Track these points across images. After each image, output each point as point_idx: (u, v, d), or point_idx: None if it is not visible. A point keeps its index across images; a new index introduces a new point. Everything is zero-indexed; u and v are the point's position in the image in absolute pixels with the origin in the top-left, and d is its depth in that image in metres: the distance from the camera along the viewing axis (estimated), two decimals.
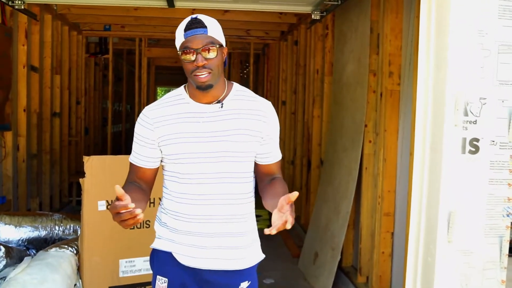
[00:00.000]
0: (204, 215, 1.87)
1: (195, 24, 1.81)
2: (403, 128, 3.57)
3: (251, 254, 1.98)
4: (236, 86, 1.97)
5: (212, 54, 1.81)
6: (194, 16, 1.85)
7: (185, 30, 1.82)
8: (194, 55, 1.79)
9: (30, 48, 5.43)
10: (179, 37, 1.84)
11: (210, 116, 1.88)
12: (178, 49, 1.86)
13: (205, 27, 1.82)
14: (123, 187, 1.93)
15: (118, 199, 1.62)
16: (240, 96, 1.95)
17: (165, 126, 1.88)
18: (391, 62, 3.57)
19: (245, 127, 1.88)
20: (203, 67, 1.79)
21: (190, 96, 1.91)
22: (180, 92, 1.95)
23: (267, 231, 1.59)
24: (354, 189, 4.06)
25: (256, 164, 1.98)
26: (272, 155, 1.98)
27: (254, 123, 1.90)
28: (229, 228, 1.90)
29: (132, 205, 1.58)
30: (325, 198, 4.72)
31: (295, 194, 1.61)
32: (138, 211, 1.58)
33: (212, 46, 1.81)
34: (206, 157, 1.85)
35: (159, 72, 13.37)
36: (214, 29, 1.85)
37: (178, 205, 1.90)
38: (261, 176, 1.99)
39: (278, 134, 2.00)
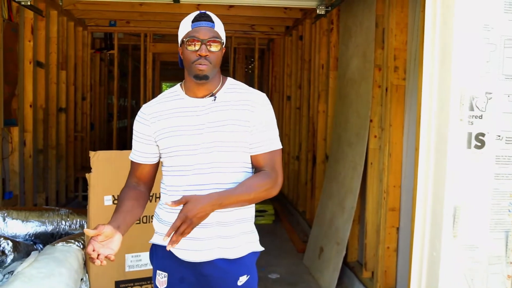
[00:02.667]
0: None
1: (204, 18, 1.89)
2: (408, 123, 3.56)
3: (247, 243, 1.99)
4: (230, 80, 2.03)
5: (215, 48, 1.88)
6: (202, 11, 1.93)
7: (193, 21, 1.89)
8: (199, 45, 1.86)
9: (36, 44, 5.45)
10: (185, 27, 1.90)
11: (203, 109, 1.93)
12: (181, 39, 1.92)
13: (213, 22, 1.90)
14: (121, 191, 1.97)
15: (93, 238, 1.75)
16: (233, 89, 1.99)
17: (160, 121, 1.95)
18: (396, 57, 3.56)
19: (234, 118, 1.92)
20: (205, 58, 1.86)
21: (186, 92, 1.98)
22: (176, 89, 2.02)
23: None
24: (359, 184, 4.06)
25: (251, 156, 1.97)
26: (260, 145, 1.94)
27: (242, 113, 1.92)
28: (223, 217, 1.91)
29: (95, 256, 1.73)
30: (330, 193, 4.72)
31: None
32: (102, 257, 1.74)
33: (217, 40, 1.88)
34: (198, 148, 1.89)
35: (164, 68, 13.40)
36: (220, 27, 1.93)
37: (173, 198, 1.92)
38: (256, 166, 1.98)
39: (269, 125, 1.96)
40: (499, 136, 2.12)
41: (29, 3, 4.57)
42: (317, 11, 4.80)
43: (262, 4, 5.09)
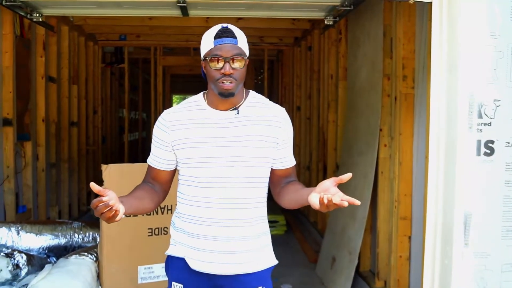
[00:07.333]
0: (218, 218, 1.90)
1: (226, 33, 1.85)
2: (418, 131, 3.56)
3: (264, 257, 2.00)
4: (252, 93, 2.02)
5: (239, 65, 1.85)
6: (224, 25, 1.89)
7: (215, 37, 1.85)
8: (222, 63, 1.83)
9: (48, 59, 5.52)
10: (208, 44, 1.87)
11: (226, 122, 1.92)
12: (203, 55, 1.90)
13: (235, 37, 1.86)
14: (136, 186, 1.98)
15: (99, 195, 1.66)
16: (256, 103, 1.99)
17: (180, 130, 1.93)
18: (404, 66, 3.57)
19: (260, 133, 1.92)
20: (229, 75, 1.83)
21: (208, 103, 1.95)
22: (198, 98, 2.00)
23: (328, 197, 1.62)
24: (370, 194, 4.05)
25: (272, 170, 2.00)
26: (288, 159, 2.02)
27: (269, 129, 1.94)
28: (242, 232, 1.92)
29: (106, 198, 1.62)
30: None
31: (348, 176, 1.64)
32: (111, 202, 1.63)
33: (240, 57, 1.85)
34: (220, 161, 1.88)
35: (174, 80, 13.47)
36: (243, 41, 1.90)
37: (192, 208, 1.94)
38: (277, 180, 2.02)
39: (291, 140, 2.04)
40: (508, 143, 2.12)
41: (40, 20, 4.63)
42: (325, 22, 4.80)
43: (270, 16, 5.12)
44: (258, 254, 1.98)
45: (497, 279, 2.15)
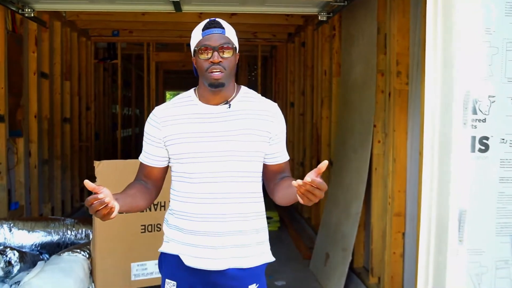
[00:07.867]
0: (211, 214, 1.89)
1: (214, 24, 1.88)
2: (412, 127, 3.56)
3: (259, 253, 1.99)
4: (244, 88, 2.02)
5: (228, 54, 1.86)
6: (212, 18, 1.91)
7: (203, 29, 1.87)
8: (211, 53, 1.84)
9: (40, 55, 5.48)
10: (196, 37, 1.89)
11: (218, 116, 1.91)
12: (193, 48, 1.91)
13: (223, 28, 1.88)
14: (128, 184, 1.97)
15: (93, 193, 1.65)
16: (248, 97, 1.99)
17: (172, 126, 1.92)
18: (398, 62, 3.56)
19: (253, 127, 1.92)
20: (218, 64, 1.84)
21: (199, 98, 1.95)
22: (189, 94, 1.99)
23: (295, 183, 1.60)
24: (364, 190, 4.05)
25: (265, 166, 2.00)
26: (281, 154, 2.01)
27: (261, 123, 1.94)
28: (236, 227, 1.91)
29: (101, 196, 1.61)
30: (335, 199, 4.71)
31: (325, 163, 1.61)
32: (107, 200, 1.62)
33: (228, 46, 1.87)
34: (212, 156, 1.88)
35: (167, 76, 13.46)
36: (231, 32, 1.91)
37: (185, 204, 1.93)
38: (271, 176, 2.01)
39: (284, 135, 2.03)
40: (503, 139, 2.11)
41: (32, 15, 4.60)
42: (319, 18, 4.81)
43: (264, 12, 5.11)
44: (254, 250, 1.97)
45: (491, 276, 2.15)
